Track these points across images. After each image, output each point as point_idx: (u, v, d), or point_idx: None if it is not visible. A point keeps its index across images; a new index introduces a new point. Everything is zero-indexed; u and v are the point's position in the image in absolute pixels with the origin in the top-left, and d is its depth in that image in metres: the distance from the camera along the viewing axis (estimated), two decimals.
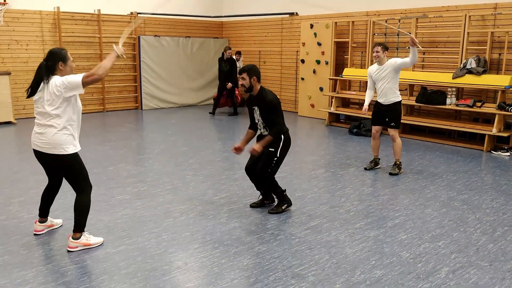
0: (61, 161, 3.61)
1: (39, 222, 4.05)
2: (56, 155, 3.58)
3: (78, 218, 3.71)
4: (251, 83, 4.40)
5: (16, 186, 5.41)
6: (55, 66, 3.57)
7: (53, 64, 3.57)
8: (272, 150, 4.46)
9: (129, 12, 11.67)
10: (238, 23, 13.13)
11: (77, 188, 3.72)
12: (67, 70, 3.62)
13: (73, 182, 3.72)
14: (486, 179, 5.96)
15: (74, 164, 3.64)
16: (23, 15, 10.02)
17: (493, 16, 7.99)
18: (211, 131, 9.23)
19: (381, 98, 6.07)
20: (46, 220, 4.07)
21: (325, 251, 3.76)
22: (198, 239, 3.98)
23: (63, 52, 3.63)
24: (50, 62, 3.57)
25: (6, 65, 9.92)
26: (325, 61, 10.44)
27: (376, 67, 6.02)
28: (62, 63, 3.58)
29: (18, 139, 8.45)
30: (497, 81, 7.58)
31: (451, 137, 8.45)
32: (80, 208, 3.71)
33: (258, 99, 4.45)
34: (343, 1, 10.37)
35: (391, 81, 5.93)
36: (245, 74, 4.39)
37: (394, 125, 6.06)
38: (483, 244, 3.93)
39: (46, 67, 3.57)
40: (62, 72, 3.60)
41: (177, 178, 5.81)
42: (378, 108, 6.14)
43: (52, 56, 3.58)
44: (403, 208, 4.81)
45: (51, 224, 4.13)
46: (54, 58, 3.57)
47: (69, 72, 3.63)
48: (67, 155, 3.58)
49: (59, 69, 3.59)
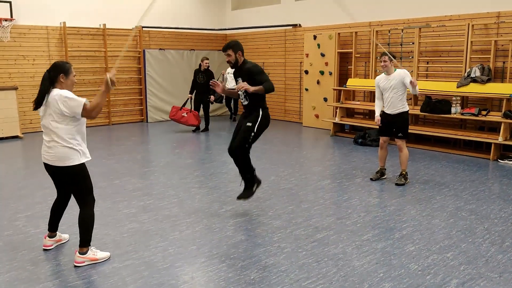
0: (66, 173, 3.64)
1: (49, 237, 4.05)
2: (61, 167, 3.62)
3: (83, 233, 3.72)
4: (236, 58, 4.71)
5: (22, 201, 5.43)
6: (56, 77, 3.60)
7: (54, 76, 3.60)
8: (249, 125, 4.69)
9: (134, 26, 11.79)
10: (242, 35, 13.22)
11: (80, 202, 3.74)
12: (67, 84, 3.65)
13: (77, 194, 3.74)
14: (493, 188, 5.91)
15: (79, 176, 3.66)
16: (30, 30, 10.15)
17: (496, 25, 8.00)
18: (215, 143, 9.24)
19: (388, 108, 6.04)
20: (55, 234, 4.08)
21: (332, 264, 3.74)
22: (205, 252, 3.96)
23: (66, 65, 3.67)
24: (52, 73, 3.61)
25: (13, 80, 10.03)
26: (329, 72, 10.47)
27: (384, 77, 6.02)
28: (63, 76, 3.61)
29: (25, 154, 8.50)
30: (502, 90, 7.57)
31: (457, 146, 8.41)
32: (84, 222, 3.72)
33: (242, 69, 4.75)
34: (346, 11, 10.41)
35: (398, 91, 5.90)
36: (231, 51, 4.68)
37: (401, 135, 6.02)
38: (492, 255, 3.89)
39: (49, 78, 3.61)
40: (63, 84, 3.63)
41: (182, 191, 5.81)
42: (385, 119, 6.12)
43: (55, 67, 3.63)
44: (410, 219, 4.78)
45: (59, 239, 4.13)
46: (56, 69, 3.61)
47: (69, 85, 3.67)
48: (71, 166, 3.60)
49: (60, 81, 3.62)
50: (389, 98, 5.97)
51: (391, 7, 9.58)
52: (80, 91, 10.81)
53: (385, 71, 5.95)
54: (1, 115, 9.38)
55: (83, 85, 10.95)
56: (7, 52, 9.91)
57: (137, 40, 11.91)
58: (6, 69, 9.94)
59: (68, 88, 3.66)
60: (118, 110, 11.80)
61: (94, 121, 11.03)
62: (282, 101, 12.34)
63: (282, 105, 12.34)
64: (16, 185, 6.10)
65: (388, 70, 5.93)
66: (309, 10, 11.31)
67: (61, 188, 3.93)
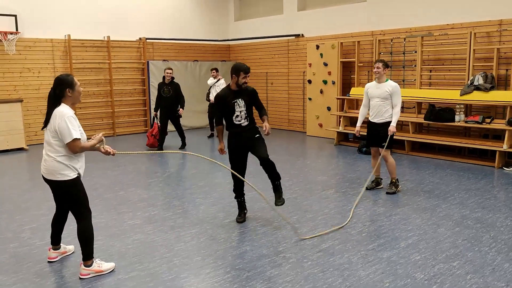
0: (58, 186, 3.68)
1: (53, 249, 4.07)
2: (53, 181, 3.65)
3: (84, 246, 3.73)
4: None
5: (28, 213, 5.45)
6: (63, 93, 3.61)
7: (61, 92, 3.61)
8: (262, 137, 4.91)
9: (138, 38, 11.90)
10: (245, 46, 13.30)
11: (76, 215, 3.75)
12: (75, 95, 3.67)
13: (71, 208, 3.77)
14: (499, 196, 5.89)
15: (72, 191, 3.67)
16: (35, 43, 10.26)
17: (499, 33, 8.02)
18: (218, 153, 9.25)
19: (374, 117, 5.98)
20: (59, 247, 4.10)
21: (338, 274, 3.72)
22: (210, 263, 3.96)
23: (69, 78, 3.66)
24: (58, 90, 3.61)
25: (18, 93, 10.12)
26: (332, 81, 10.50)
27: (374, 84, 5.98)
28: (70, 90, 3.62)
29: (30, 166, 8.54)
30: (506, 97, 7.56)
31: (462, 154, 8.39)
32: (83, 236, 3.73)
33: (242, 91, 4.81)
34: (348, 21, 10.49)
35: (386, 100, 5.84)
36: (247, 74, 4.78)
37: (384, 145, 5.88)
38: (498, 263, 3.86)
39: (55, 96, 3.62)
40: (71, 98, 3.65)
41: (187, 202, 5.81)
42: (371, 128, 6.06)
43: (59, 84, 3.62)
44: (416, 228, 4.76)
45: (64, 251, 4.15)
46: (62, 85, 3.61)
47: (77, 96, 3.69)
48: (63, 181, 3.62)
49: (68, 96, 3.63)
50: (376, 106, 5.93)
51: (393, 16, 9.63)
52: (85, 103, 10.90)
53: (377, 77, 5.88)
54: (6, 127, 9.44)
55: (88, 97, 11.03)
56: (13, 65, 10.01)
57: (141, 51, 12.00)
58: (12, 82, 10.03)
59: (76, 100, 3.70)
60: (123, 121, 11.86)
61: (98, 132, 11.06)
62: (285, 111, 12.37)
63: (286, 114, 12.37)
64: (21, 197, 6.12)
65: (380, 78, 5.87)
66: (312, 20, 11.38)
67: (58, 201, 3.95)
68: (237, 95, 4.79)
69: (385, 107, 5.86)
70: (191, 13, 12.90)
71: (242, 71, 4.70)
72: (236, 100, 4.77)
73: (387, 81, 5.88)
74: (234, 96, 4.78)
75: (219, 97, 4.84)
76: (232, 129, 4.85)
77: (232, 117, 4.80)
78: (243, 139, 4.84)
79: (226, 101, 4.77)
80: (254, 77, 13.08)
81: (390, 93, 5.79)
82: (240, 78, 4.71)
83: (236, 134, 4.85)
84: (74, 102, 3.73)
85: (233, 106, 4.77)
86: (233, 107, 4.77)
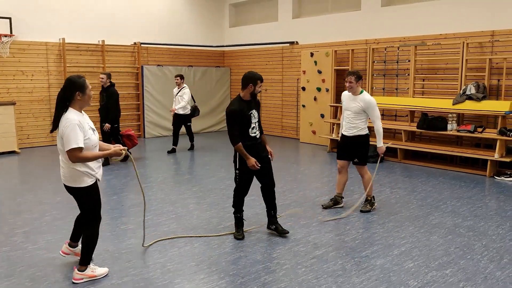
0: (73, 192, 3.63)
1: (69, 245, 4.04)
2: (70, 187, 3.60)
3: (84, 252, 3.71)
4: None
5: (20, 216, 5.40)
6: (72, 96, 3.42)
7: (70, 95, 3.42)
8: (267, 154, 4.78)
9: (133, 42, 11.90)
10: (239, 52, 13.35)
11: (84, 221, 3.74)
12: (85, 99, 3.49)
13: (82, 214, 3.74)
14: (490, 205, 5.94)
15: (85, 198, 3.62)
16: (29, 46, 10.22)
17: (491, 43, 8.13)
18: (213, 159, 9.25)
19: (345, 129, 5.57)
20: (76, 245, 4.06)
21: (331, 280, 3.73)
22: (204, 269, 3.95)
23: (81, 80, 3.46)
24: (68, 92, 3.42)
25: (12, 95, 10.05)
26: (326, 89, 10.56)
27: (349, 95, 5.54)
28: (80, 93, 3.43)
29: (22, 169, 8.47)
30: (497, 107, 7.66)
31: (454, 162, 8.47)
32: (85, 242, 3.72)
33: (256, 102, 4.70)
34: (343, 29, 10.58)
35: (357, 114, 5.44)
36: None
37: (357, 161, 5.55)
38: (491, 271, 3.90)
39: (63, 98, 3.43)
40: (80, 102, 3.47)
41: (180, 207, 5.80)
42: (343, 141, 5.67)
43: (69, 85, 3.43)
44: (409, 235, 4.79)
45: (78, 253, 4.01)
46: (72, 87, 3.42)
47: (87, 101, 3.51)
48: (79, 188, 3.55)
49: (77, 100, 3.45)
50: (347, 118, 5.53)
51: (387, 25, 9.73)
52: None
53: (352, 92, 5.47)
54: (0, 129, 9.37)
55: None
56: (6, 68, 9.96)
57: (136, 56, 12.00)
58: (5, 85, 9.97)
59: (86, 104, 3.53)
60: None
61: None
62: (279, 117, 12.41)
63: (279, 121, 12.41)
64: (14, 201, 6.07)
65: (354, 91, 5.45)
66: (306, 27, 11.47)
67: None
68: (250, 106, 4.59)
69: (356, 121, 5.45)
70: (186, 18, 12.94)
71: (259, 79, 4.54)
72: (252, 111, 4.58)
73: (361, 93, 5.45)
74: (249, 107, 4.56)
75: (237, 112, 4.49)
76: (248, 142, 4.56)
77: (249, 129, 4.56)
78: (259, 152, 4.65)
79: (243, 114, 4.51)
80: None
81: (362, 108, 5.38)
82: (256, 87, 4.54)
83: (252, 147, 4.59)
84: (83, 106, 3.53)
85: (250, 118, 4.55)
86: (250, 119, 4.55)
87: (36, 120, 10.46)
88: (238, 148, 4.54)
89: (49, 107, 10.57)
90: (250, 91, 4.56)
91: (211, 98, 13.27)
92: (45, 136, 10.55)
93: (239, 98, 4.61)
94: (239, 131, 4.51)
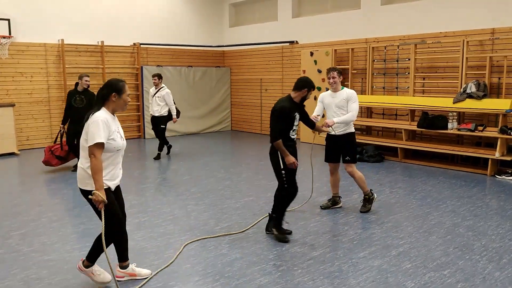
0: (83, 195, 3.48)
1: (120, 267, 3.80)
2: (80, 189, 3.47)
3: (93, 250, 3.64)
4: None
5: (17, 218, 5.38)
6: (108, 96, 3.41)
7: (107, 94, 3.42)
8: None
9: (132, 43, 11.88)
10: (239, 52, 13.31)
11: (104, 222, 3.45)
12: (119, 103, 3.46)
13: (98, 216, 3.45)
14: (491, 204, 5.88)
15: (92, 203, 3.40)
16: (28, 47, 10.21)
17: (491, 41, 8.07)
18: (213, 159, 9.22)
19: (334, 129, 5.44)
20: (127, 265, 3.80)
21: (328, 282, 3.69)
22: (199, 271, 3.91)
23: (120, 84, 3.46)
24: (105, 91, 3.43)
25: (11, 97, 10.05)
26: (326, 88, 10.50)
27: (329, 93, 5.52)
28: (116, 95, 3.41)
29: (21, 170, 8.46)
30: (498, 105, 7.59)
31: (454, 161, 8.40)
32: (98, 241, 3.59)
33: (302, 106, 4.78)
34: (342, 28, 10.53)
35: (343, 111, 5.37)
36: None
37: (349, 159, 5.47)
38: (489, 272, 3.84)
39: (101, 95, 3.44)
40: (115, 104, 3.44)
41: (178, 208, 5.77)
42: (330, 142, 5.57)
43: (108, 85, 3.45)
44: (407, 235, 4.74)
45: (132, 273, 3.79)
46: (109, 88, 3.43)
47: (122, 105, 3.48)
48: (86, 190, 3.40)
49: (112, 100, 3.42)
50: (333, 116, 5.43)
51: (387, 24, 9.67)
52: None
53: (333, 88, 5.44)
54: None
55: None
56: (5, 69, 9.95)
57: (135, 56, 11.98)
58: (4, 86, 9.97)
59: (119, 108, 3.49)
60: None
61: None
62: None
63: None
64: (11, 202, 6.05)
65: (336, 87, 5.42)
66: (306, 27, 11.42)
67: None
68: (296, 108, 4.66)
69: (342, 114, 5.36)
70: (185, 18, 12.91)
71: (313, 87, 4.68)
72: (296, 114, 4.65)
73: (342, 89, 5.45)
74: (295, 110, 4.65)
75: (287, 110, 4.55)
76: (287, 142, 4.58)
77: (290, 131, 4.62)
78: (295, 155, 4.67)
79: (290, 114, 4.57)
80: (248, 84, 13.09)
81: (346, 99, 5.34)
82: (309, 94, 4.66)
83: (292, 148, 4.62)
84: (116, 109, 3.49)
85: (293, 120, 4.61)
86: (293, 120, 4.61)
87: (36, 121, 10.45)
88: (278, 144, 4.51)
89: (49, 109, 10.57)
90: (303, 96, 4.65)
91: (211, 98, 13.24)
92: (44, 137, 10.55)
93: (290, 98, 4.67)
94: (281, 130, 4.54)
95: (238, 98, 13.60)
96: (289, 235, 4.68)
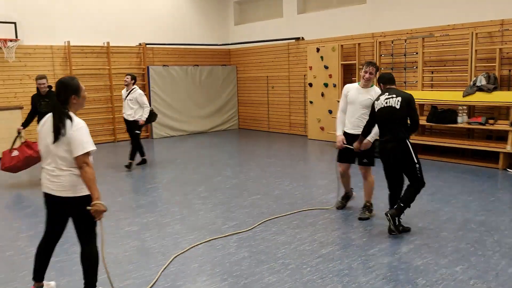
0: (76, 203, 3.18)
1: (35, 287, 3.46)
2: (71, 198, 3.16)
3: (89, 274, 3.28)
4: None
5: (26, 220, 5.40)
6: (68, 100, 3.13)
7: (65, 98, 3.13)
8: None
9: (138, 43, 11.89)
10: (245, 50, 13.26)
11: (84, 237, 3.27)
12: (80, 102, 3.22)
13: (82, 229, 3.25)
14: (503, 199, 5.78)
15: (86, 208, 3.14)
16: (35, 50, 10.25)
17: (500, 33, 7.93)
18: (220, 158, 9.19)
19: (351, 127, 5.09)
20: (42, 285, 3.47)
21: (337, 280, 3.63)
22: (207, 270, 3.88)
23: (74, 82, 3.17)
24: (63, 96, 3.13)
25: (19, 100, 10.10)
26: (333, 84, 10.43)
27: (357, 87, 5.07)
28: (75, 97, 3.16)
29: (30, 173, 8.49)
30: (509, 98, 7.46)
31: (465, 156, 8.28)
32: (90, 261, 3.28)
33: None
34: (348, 23, 10.43)
35: (368, 109, 4.91)
36: None
37: (367, 161, 5.09)
38: (502, 268, 3.76)
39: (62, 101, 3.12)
40: (76, 105, 3.19)
41: (185, 207, 5.74)
42: (346, 140, 5.15)
43: (63, 88, 3.14)
44: (418, 231, 4.67)
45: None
46: (66, 90, 3.13)
47: (82, 103, 3.23)
48: (83, 196, 3.17)
49: (73, 103, 3.16)
50: (355, 114, 5.03)
51: (393, 18, 9.56)
52: (85, 109, 10.85)
53: (365, 83, 5.00)
54: (6, 134, 9.37)
55: (88, 103, 10.97)
56: (13, 72, 10.00)
57: (141, 57, 11.98)
58: (12, 89, 10.03)
59: (80, 107, 3.25)
60: (123, 127, 11.77)
61: (99, 138, 11.05)
62: (287, 114, 12.30)
63: (287, 118, 12.30)
64: (20, 204, 6.08)
65: (368, 84, 5.01)
66: (312, 23, 11.33)
67: (57, 224, 3.41)
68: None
69: (366, 117, 4.90)
70: (191, 17, 12.89)
71: None
72: None
73: (372, 87, 5.03)
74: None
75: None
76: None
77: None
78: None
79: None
80: (255, 81, 13.04)
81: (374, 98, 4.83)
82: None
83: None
84: (78, 109, 3.24)
85: None
86: None
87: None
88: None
89: None
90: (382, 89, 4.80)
91: (218, 97, 13.22)
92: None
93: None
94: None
95: (244, 96, 13.56)
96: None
